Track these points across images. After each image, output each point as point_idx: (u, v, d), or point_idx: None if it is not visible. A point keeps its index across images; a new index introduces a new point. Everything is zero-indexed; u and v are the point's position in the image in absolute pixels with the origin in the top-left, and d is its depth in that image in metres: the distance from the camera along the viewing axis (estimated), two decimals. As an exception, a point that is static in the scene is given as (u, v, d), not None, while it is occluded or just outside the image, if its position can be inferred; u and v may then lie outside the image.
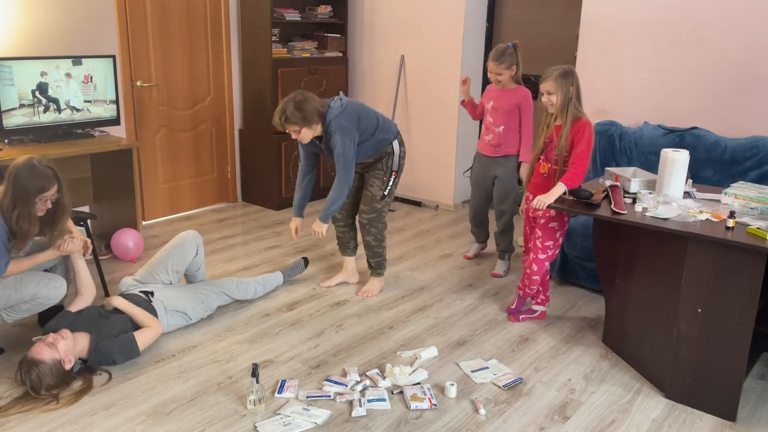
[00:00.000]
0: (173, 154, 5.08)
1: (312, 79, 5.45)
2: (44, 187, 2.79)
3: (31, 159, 2.80)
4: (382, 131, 3.56)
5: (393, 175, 3.65)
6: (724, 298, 2.57)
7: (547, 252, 3.29)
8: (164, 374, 2.89)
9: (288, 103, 3.31)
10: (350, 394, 2.74)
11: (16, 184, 2.73)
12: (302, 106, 3.29)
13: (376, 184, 3.63)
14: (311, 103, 3.32)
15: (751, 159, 3.68)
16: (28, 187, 2.75)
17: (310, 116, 3.31)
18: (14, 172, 2.75)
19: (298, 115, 3.29)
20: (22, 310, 2.94)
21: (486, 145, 4.03)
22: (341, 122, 3.37)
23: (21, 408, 2.61)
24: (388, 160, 3.61)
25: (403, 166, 3.69)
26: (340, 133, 3.36)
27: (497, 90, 3.95)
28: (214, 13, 5.11)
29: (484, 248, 4.47)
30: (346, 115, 3.40)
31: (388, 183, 3.64)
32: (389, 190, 3.66)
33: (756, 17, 3.77)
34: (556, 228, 3.26)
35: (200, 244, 3.51)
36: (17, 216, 2.74)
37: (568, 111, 3.08)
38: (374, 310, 3.60)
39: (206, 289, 3.41)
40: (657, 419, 2.66)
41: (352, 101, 3.51)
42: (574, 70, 3.11)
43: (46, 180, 2.80)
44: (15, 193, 2.73)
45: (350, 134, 3.38)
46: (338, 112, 3.38)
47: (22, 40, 4.02)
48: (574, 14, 4.68)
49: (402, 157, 3.67)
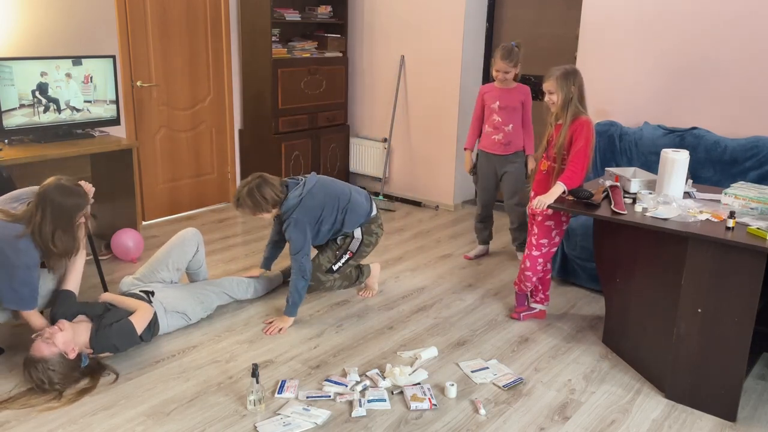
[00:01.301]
0: (173, 154, 5.08)
1: (312, 79, 5.46)
2: (82, 205, 2.82)
3: (59, 180, 2.79)
4: (347, 224, 3.46)
5: (348, 254, 3.54)
6: (724, 298, 2.57)
7: (540, 249, 3.29)
8: (164, 374, 2.89)
9: (244, 188, 3.31)
10: (350, 394, 2.74)
11: (55, 206, 2.71)
12: (254, 194, 3.27)
13: (327, 254, 3.54)
14: (266, 191, 3.27)
15: (751, 159, 3.68)
16: (69, 207, 2.75)
17: (262, 204, 3.29)
18: (48, 195, 2.72)
19: (249, 202, 3.29)
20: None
21: (495, 144, 4.10)
22: (296, 216, 3.30)
23: (26, 402, 2.62)
24: (348, 239, 3.53)
25: (364, 252, 3.57)
26: (294, 227, 3.30)
27: (499, 89, 4.03)
28: (214, 13, 5.11)
29: (486, 251, 4.48)
30: (302, 208, 3.32)
31: (340, 259, 3.54)
32: (338, 267, 3.55)
33: (756, 17, 3.77)
34: (552, 226, 3.26)
35: (201, 241, 3.53)
36: (59, 238, 2.73)
37: (568, 110, 3.10)
38: (374, 310, 3.60)
39: (206, 289, 3.42)
40: (657, 419, 2.66)
41: (319, 186, 3.41)
42: (578, 70, 3.12)
43: (81, 197, 2.83)
44: (56, 216, 2.71)
45: (303, 230, 3.31)
46: (294, 203, 3.31)
47: (22, 40, 4.02)
48: (574, 14, 4.68)
49: (367, 245, 3.56)
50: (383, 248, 4.55)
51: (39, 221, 2.69)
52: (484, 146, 4.18)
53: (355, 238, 3.53)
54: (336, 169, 5.84)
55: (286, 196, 3.33)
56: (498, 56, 3.92)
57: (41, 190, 2.74)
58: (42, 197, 2.72)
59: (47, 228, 2.70)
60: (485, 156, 4.19)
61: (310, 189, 3.37)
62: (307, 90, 5.45)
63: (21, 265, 2.68)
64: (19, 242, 2.67)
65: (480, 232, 4.43)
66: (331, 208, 3.41)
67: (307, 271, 3.32)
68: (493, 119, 4.07)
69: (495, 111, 4.05)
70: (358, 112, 5.97)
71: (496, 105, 4.03)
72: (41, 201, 2.71)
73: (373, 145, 5.84)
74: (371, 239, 3.57)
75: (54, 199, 2.71)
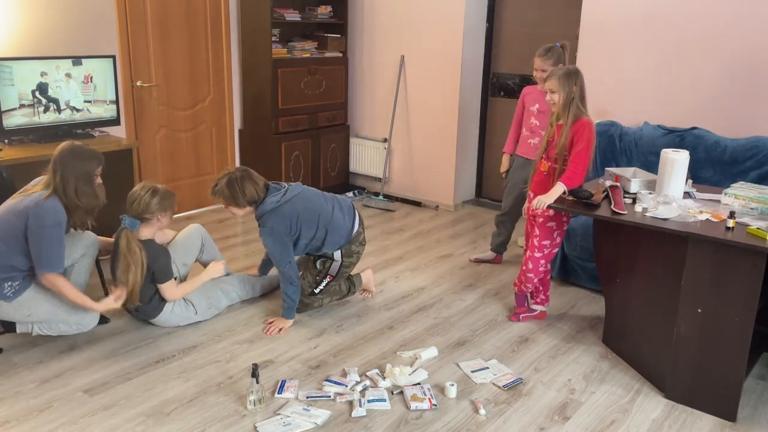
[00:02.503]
0: (173, 154, 5.08)
1: (312, 79, 5.46)
2: (98, 161, 2.94)
3: (72, 143, 2.92)
4: (327, 244, 3.34)
5: (328, 278, 3.44)
6: (724, 298, 2.57)
7: (543, 251, 3.29)
8: (164, 374, 2.89)
9: (225, 176, 3.23)
10: (350, 394, 2.74)
11: (73, 167, 2.84)
12: (233, 185, 3.18)
13: (308, 279, 3.45)
14: (247, 186, 3.19)
15: (751, 159, 3.68)
16: (86, 165, 2.88)
17: (239, 198, 3.20)
18: (65, 158, 2.85)
19: (226, 191, 3.20)
20: (56, 329, 3.00)
21: (531, 149, 3.88)
22: (268, 224, 3.20)
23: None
24: (327, 261, 3.43)
25: (345, 273, 3.46)
26: (270, 236, 3.20)
27: (540, 92, 3.77)
28: (214, 13, 5.11)
29: (493, 259, 4.32)
30: (278, 214, 3.19)
31: (320, 283, 3.45)
32: (320, 290, 3.46)
33: (756, 17, 3.77)
34: (554, 228, 3.26)
35: (205, 235, 3.57)
36: (83, 193, 2.86)
37: (570, 110, 3.08)
38: (374, 310, 3.60)
39: (216, 286, 3.46)
40: (657, 419, 2.66)
41: (300, 198, 3.27)
42: (579, 70, 3.11)
43: (95, 155, 2.95)
44: (76, 174, 2.84)
45: (278, 238, 3.20)
46: (271, 207, 3.19)
47: (22, 40, 4.02)
48: (574, 14, 4.68)
49: (347, 266, 3.44)
50: (383, 248, 4.55)
51: (60, 181, 2.82)
52: (521, 151, 3.99)
53: (335, 260, 3.41)
54: (336, 169, 5.84)
55: (263, 200, 3.22)
56: (536, 54, 3.72)
57: (56, 155, 2.86)
58: (59, 161, 2.85)
59: (70, 185, 2.83)
60: (521, 162, 3.97)
61: (291, 199, 3.24)
62: (307, 90, 5.45)
63: (51, 223, 2.79)
64: (45, 203, 2.79)
65: (494, 237, 4.30)
66: (309, 223, 3.26)
67: (293, 277, 3.26)
68: (531, 122, 3.89)
69: (533, 114, 3.88)
70: (358, 112, 5.97)
71: (535, 108, 3.86)
72: (59, 164, 2.84)
73: (373, 145, 5.84)
74: (351, 260, 3.45)
75: (71, 159, 2.85)
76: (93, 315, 3.06)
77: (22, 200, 2.82)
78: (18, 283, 2.85)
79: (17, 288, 2.84)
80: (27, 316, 2.91)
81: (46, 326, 2.99)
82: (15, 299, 2.84)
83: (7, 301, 2.83)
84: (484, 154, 5.69)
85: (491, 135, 5.58)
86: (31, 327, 2.99)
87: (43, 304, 2.91)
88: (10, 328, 3.01)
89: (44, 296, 2.91)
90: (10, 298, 2.83)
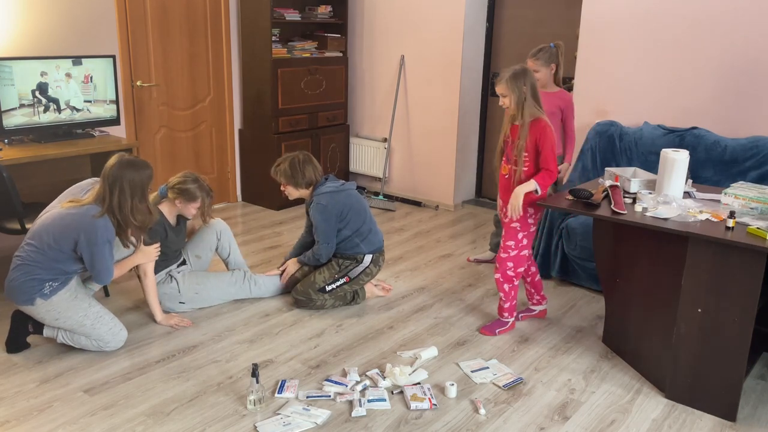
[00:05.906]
0: (173, 154, 5.08)
1: (312, 79, 5.46)
2: (151, 174, 2.93)
3: (122, 156, 2.89)
4: (366, 243, 3.50)
5: (345, 279, 3.51)
6: (724, 298, 2.57)
7: (508, 252, 3.21)
8: (164, 374, 2.89)
9: (287, 158, 3.48)
10: (350, 394, 2.74)
11: (126, 180, 2.82)
12: (296, 167, 3.44)
13: (324, 273, 3.51)
14: (308, 169, 3.46)
15: (751, 159, 3.68)
16: (140, 178, 2.86)
17: (299, 179, 3.46)
18: (119, 173, 2.82)
19: (288, 171, 3.46)
20: (78, 342, 3.00)
21: None
22: (323, 201, 3.41)
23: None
24: (351, 263, 3.51)
25: (362, 281, 3.55)
26: (320, 211, 3.41)
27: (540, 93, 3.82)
28: (214, 13, 5.11)
29: (492, 259, 4.31)
30: (332, 197, 3.43)
31: (335, 282, 3.50)
32: (332, 289, 3.51)
33: (756, 17, 3.78)
34: (518, 228, 3.18)
35: (224, 230, 3.64)
36: (138, 210, 2.86)
37: (524, 111, 3.05)
38: (374, 310, 3.60)
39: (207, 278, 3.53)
40: (657, 419, 2.66)
41: (355, 194, 3.52)
42: (528, 69, 3.08)
43: (148, 167, 2.93)
44: (132, 189, 2.83)
45: (328, 216, 3.40)
46: (327, 191, 3.44)
47: (22, 40, 4.02)
48: (574, 14, 4.68)
49: (367, 274, 3.54)
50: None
51: (116, 199, 2.81)
52: None
53: (362, 263, 3.51)
54: (336, 169, 5.84)
55: (323, 183, 3.46)
56: (528, 55, 3.73)
57: (110, 171, 2.83)
58: (112, 176, 2.82)
59: (126, 203, 2.82)
60: None
61: (347, 190, 3.49)
62: (307, 90, 5.45)
63: (102, 241, 2.81)
64: (97, 222, 2.80)
65: (492, 237, 4.33)
66: (357, 216, 3.48)
67: (323, 257, 3.48)
68: None
69: None
70: (358, 111, 5.97)
71: None
72: (113, 179, 2.81)
73: (373, 145, 5.84)
74: (374, 270, 3.57)
75: (125, 174, 2.82)
76: (119, 340, 3.05)
77: (73, 213, 2.82)
78: (58, 284, 2.88)
79: (55, 287, 2.88)
80: (55, 320, 2.92)
81: (70, 336, 2.99)
82: (51, 297, 2.87)
83: (44, 298, 2.86)
84: (484, 153, 5.70)
85: (491, 135, 5.58)
86: (56, 333, 3.00)
87: (72, 314, 2.92)
88: (38, 329, 3.03)
89: (76, 306, 2.93)
90: (47, 296, 2.86)
